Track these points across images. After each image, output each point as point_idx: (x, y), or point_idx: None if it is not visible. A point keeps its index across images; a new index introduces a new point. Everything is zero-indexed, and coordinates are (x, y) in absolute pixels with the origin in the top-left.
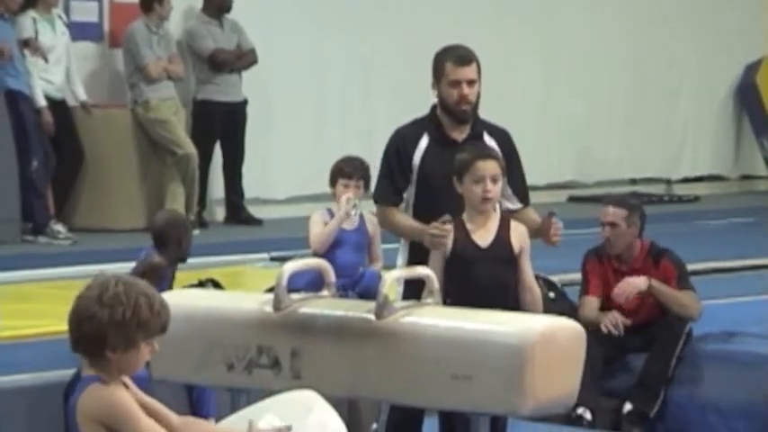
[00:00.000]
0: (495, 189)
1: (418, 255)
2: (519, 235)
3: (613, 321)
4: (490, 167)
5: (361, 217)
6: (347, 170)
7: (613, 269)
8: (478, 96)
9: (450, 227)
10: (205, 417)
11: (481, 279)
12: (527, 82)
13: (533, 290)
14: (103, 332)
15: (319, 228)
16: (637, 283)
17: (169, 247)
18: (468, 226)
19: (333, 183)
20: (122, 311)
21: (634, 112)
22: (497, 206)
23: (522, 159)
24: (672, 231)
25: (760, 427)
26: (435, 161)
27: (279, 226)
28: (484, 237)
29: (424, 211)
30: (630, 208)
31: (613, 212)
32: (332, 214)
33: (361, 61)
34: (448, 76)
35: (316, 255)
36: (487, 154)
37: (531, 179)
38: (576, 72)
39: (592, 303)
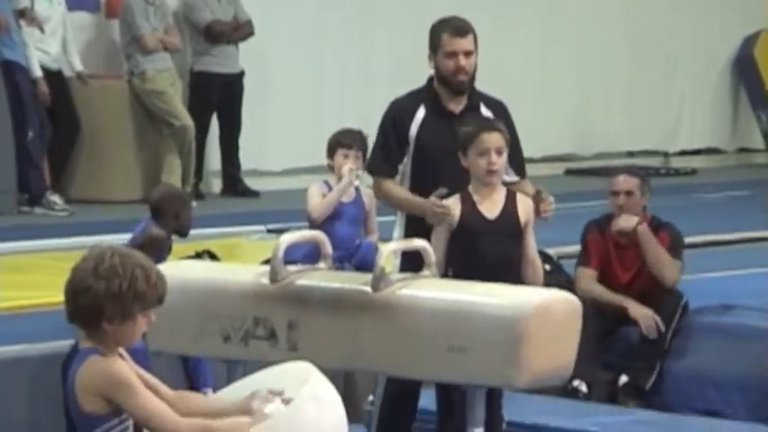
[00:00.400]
0: (500, 161)
1: (415, 227)
2: (525, 208)
3: (650, 327)
4: (495, 140)
5: (358, 190)
6: (346, 141)
7: (614, 242)
8: (475, 68)
9: (451, 201)
10: (201, 388)
11: (487, 251)
12: (525, 54)
13: (535, 264)
14: (100, 304)
15: (318, 199)
16: (630, 219)
17: (166, 220)
18: (475, 198)
19: (331, 154)
20: (119, 283)
21: (632, 84)
22: None
23: (520, 132)
24: (669, 204)
25: (756, 400)
26: (432, 133)
27: (275, 198)
28: (491, 209)
29: (421, 183)
30: (642, 177)
31: (628, 181)
32: (329, 186)
33: (359, 32)
34: (444, 47)
35: (314, 225)
36: (492, 126)
37: (528, 151)
38: (574, 45)
39: (589, 276)
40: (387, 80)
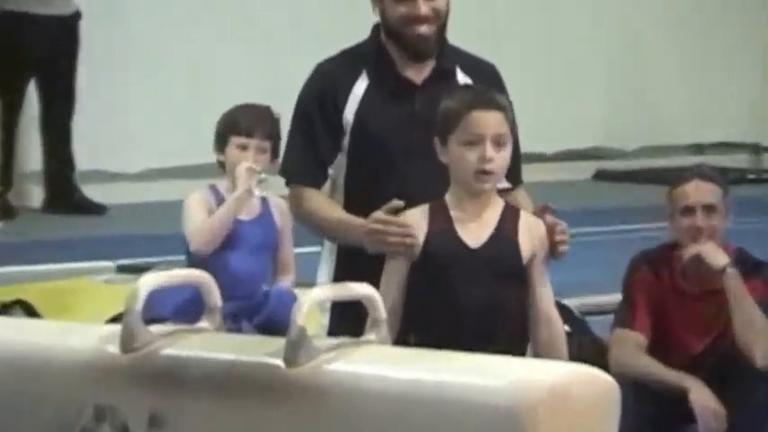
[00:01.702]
0: (500, 158)
1: (352, 263)
2: (533, 233)
3: (712, 429)
4: (494, 122)
5: (265, 201)
6: (245, 124)
7: (676, 289)
8: (447, 11)
9: (413, 215)
10: None
11: (467, 297)
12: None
13: (552, 321)
14: None
15: (202, 216)
16: (719, 256)
17: None
18: (453, 214)
19: (221, 145)
20: None
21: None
22: None
23: (523, 114)
24: (757, 228)
25: None
26: (380, 115)
27: (131, 215)
28: (476, 232)
29: (363, 195)
30: (724, 186)
31: (706, 189)
32: (218, 196)
33: None
34: None
35: (196, 258)
36: (490, 101)
37: (532, 145)
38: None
39: (634, 341)
40: (293, 46)
